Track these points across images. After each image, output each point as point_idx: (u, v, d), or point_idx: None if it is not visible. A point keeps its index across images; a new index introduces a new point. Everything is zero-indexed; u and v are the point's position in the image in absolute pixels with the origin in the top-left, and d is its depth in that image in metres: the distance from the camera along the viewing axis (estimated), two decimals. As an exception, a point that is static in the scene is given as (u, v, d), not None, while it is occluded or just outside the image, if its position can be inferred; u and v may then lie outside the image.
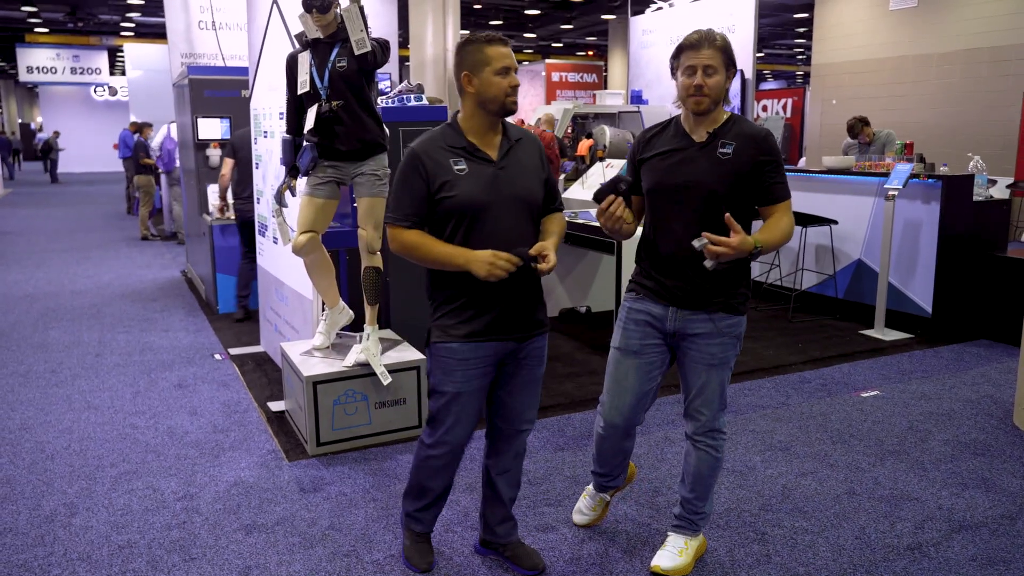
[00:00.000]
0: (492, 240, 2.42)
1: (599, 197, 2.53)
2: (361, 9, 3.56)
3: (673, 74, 2.60)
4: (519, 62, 2.76)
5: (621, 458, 2.94)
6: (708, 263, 2.39)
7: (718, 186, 2.51)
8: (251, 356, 5.40)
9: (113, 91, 28.08)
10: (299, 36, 3.83)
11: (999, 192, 8.41)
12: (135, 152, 11.96)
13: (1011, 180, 9.33)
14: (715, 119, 2.57)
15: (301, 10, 3.66)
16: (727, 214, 2.40)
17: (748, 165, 2.51)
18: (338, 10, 3.64)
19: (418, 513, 2.79)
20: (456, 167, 2.44)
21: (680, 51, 2.54)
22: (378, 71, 3.81)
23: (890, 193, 5.69)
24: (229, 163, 6.10)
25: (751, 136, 2.54)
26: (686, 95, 2.52)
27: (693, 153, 2.56)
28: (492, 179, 2.46)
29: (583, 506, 3.11)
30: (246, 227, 6.05)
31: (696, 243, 2.38)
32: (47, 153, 25.16)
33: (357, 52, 3.56)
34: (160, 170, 11.32)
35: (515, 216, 2.48)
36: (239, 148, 6.02)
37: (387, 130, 3.89)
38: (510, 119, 2.60)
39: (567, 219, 5.64)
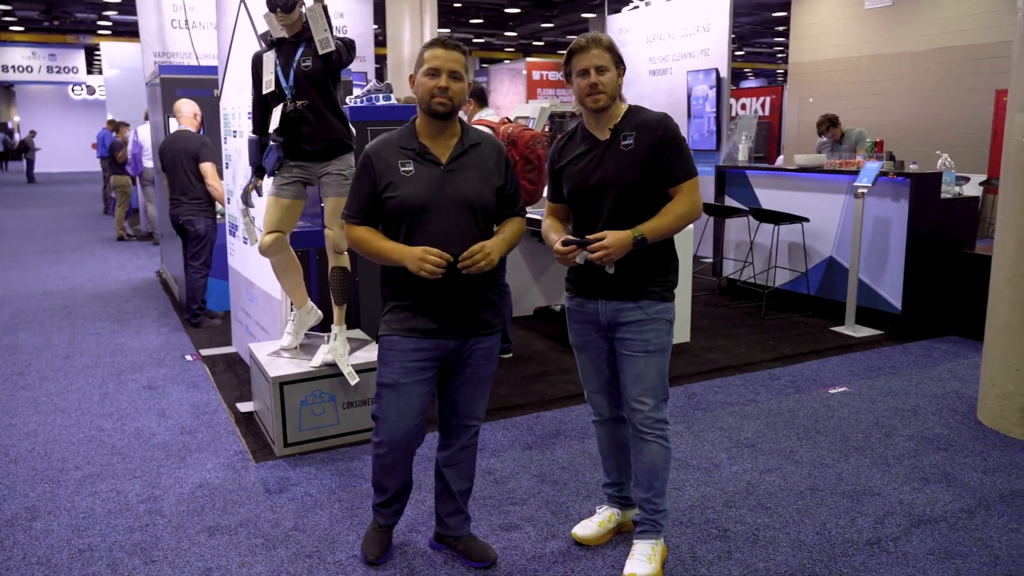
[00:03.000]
0: (432, 240, 2.49)
1: (568, 243, 2.60)
2: (325, 9, 3.55)
3: (568, 80, 2.70)
4: (499, 60, 2.83)
5: (623, 457, 2.96)
6: (607, 268, 2.58)
7: (628, 178, 2.62)
8: (222, 357, 5.37)
9: (91, 90, 27.83)
10: (264, 36, 3.81)
11: (972, 189, 8.50)
12: (111, 152, 11.86)
13: (984, 177, 9.43)
14: (614, 115, 2.67)
15: (266, 10, 3.64)
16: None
17: (650, 151, 2.61)
18: (303, 9, 3.63)
19: (379, 507, 2.85)
20: (403, 168, 2.53)
21: (571, 56, 2.65)
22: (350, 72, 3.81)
23: (859, 191, 5.74)
24: (165, 178, 6.30)
25: (648, 123, 2.64)
26: (584, 95, 2.62)
27: (600, 152, 2.67)
28: (437, 181, 2.52)
29: (589, 520, 3.05)
30: (181, 232, 6.21)
31: (579, 259, 2.56)
32: (23, 152, 24.91)
33: (321, 52, 3.56)
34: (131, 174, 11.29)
35: (458, 218, 2.53)
36: (162, 157, 6.22)
37: (353, 130, 3.88)
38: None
39: (541, 218, 5.67)
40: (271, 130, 3.73)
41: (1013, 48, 4.00)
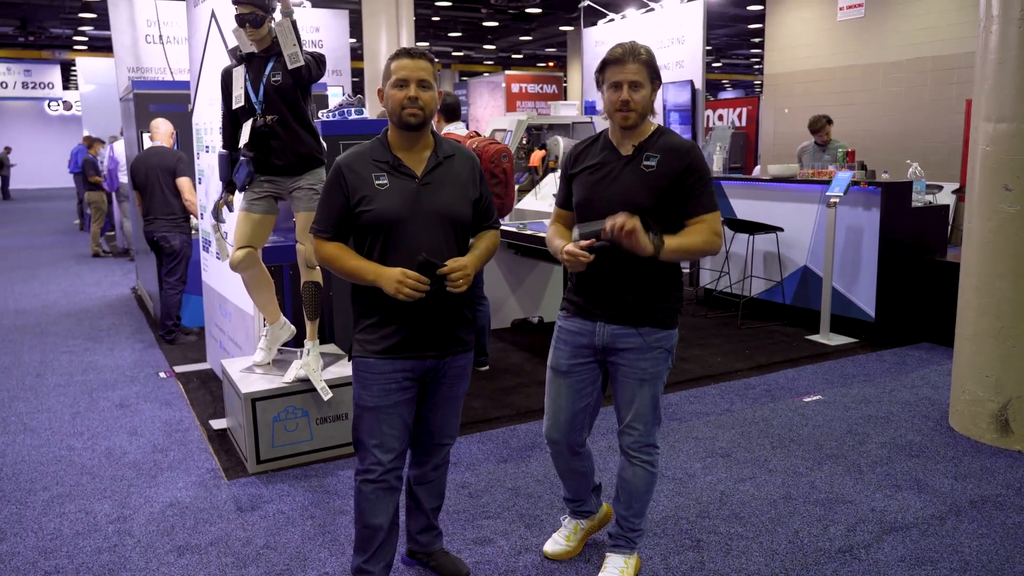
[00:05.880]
0: (409, 256, 2.39)
1: (586, 235, 2.46)
2: (294, 24, 3.55)
3: (599, 87, 2.59)
4: (479, 74, 2.75)
5: (581, 481, 2.91)
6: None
7: (643, 199, 2.51)
8: (196, 374, 5.32)
9: (68, 106, 27.62)
10: (234, 51, 3.81)
11: (946, 198, 8.61)
12: (84, 169, 11.76)
13: (957, 186, 9.56)
14: (642, 132, 2.57)
15: (235, 25, 3.64)
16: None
17: (672, 178, 2.51)
18: (272, 24, 3.63)
19: (366, 565, 2.57)
20: (377, 181, 2.44)
21: (604, 66, 2.53)
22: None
23: (831, 200, 5.79)
24: (136, 195, 6.28)
25: (676, 149, 2.54)
26: (613, 110, 2.51)
27: (619, 167, 2.56)
28: (413, 195, 2.44)
29: (557, 535, 3.03)
30: (156, 248, 6.20)
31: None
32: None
33: (290, 66, 3.55)
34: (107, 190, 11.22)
35: (434, 232, 2.45)
36: (135, 174, 6.19)
37: (324, 144, 3.87)
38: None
39: (517, 230, 5.69)
40: (241, 145, 3.71)
41: (976, 59, 4.06)
